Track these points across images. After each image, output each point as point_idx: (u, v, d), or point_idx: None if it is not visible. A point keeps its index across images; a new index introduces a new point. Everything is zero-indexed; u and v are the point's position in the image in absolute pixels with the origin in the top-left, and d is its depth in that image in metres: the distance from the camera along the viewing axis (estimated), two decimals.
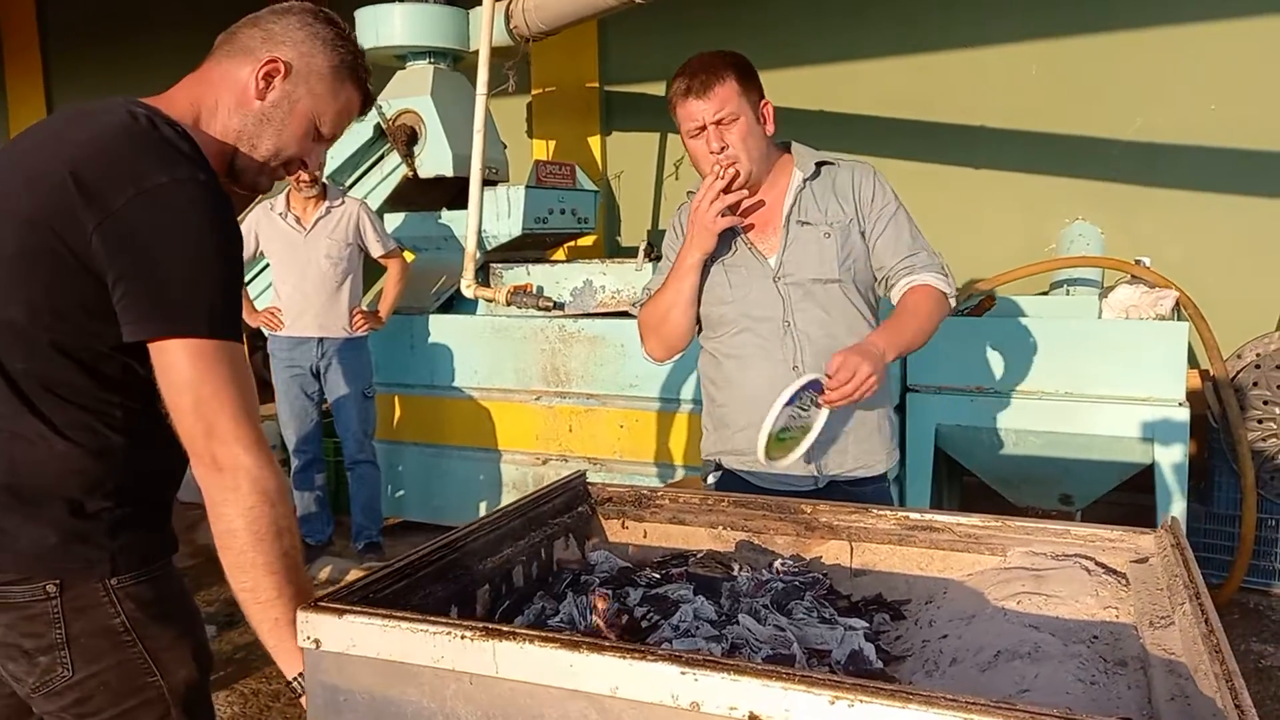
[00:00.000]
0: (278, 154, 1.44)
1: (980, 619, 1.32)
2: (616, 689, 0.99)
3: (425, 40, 4.72)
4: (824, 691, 0.91)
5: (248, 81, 1.39)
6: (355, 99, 1.48)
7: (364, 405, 4.27)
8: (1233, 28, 4.73)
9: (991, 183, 5.27)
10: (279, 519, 1.25)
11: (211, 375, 1.24)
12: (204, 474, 1.25)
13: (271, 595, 1.25)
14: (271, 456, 1.27)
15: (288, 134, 1.43)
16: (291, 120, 1.42)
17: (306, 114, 1.42)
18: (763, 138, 1.97)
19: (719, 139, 1.91)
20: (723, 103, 1.89)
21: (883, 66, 5.45)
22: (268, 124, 1.41)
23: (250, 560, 1.24)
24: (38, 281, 1.26)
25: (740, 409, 2.06)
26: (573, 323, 4.10)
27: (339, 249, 4.11)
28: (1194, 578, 1.21)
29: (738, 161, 1.92)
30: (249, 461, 1.24)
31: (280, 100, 1.41)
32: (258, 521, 1.24)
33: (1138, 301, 3.64)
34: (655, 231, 6.10)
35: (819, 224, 1.99)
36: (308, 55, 1.41)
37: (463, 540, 1.44)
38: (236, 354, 1.27)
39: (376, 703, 1.12)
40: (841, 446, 2.03)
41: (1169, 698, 1.04)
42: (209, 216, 1.27)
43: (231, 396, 1.24)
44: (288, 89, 1.41)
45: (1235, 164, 4.75)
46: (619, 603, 1.40)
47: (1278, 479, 3.79)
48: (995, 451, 3.65)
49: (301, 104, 1.42)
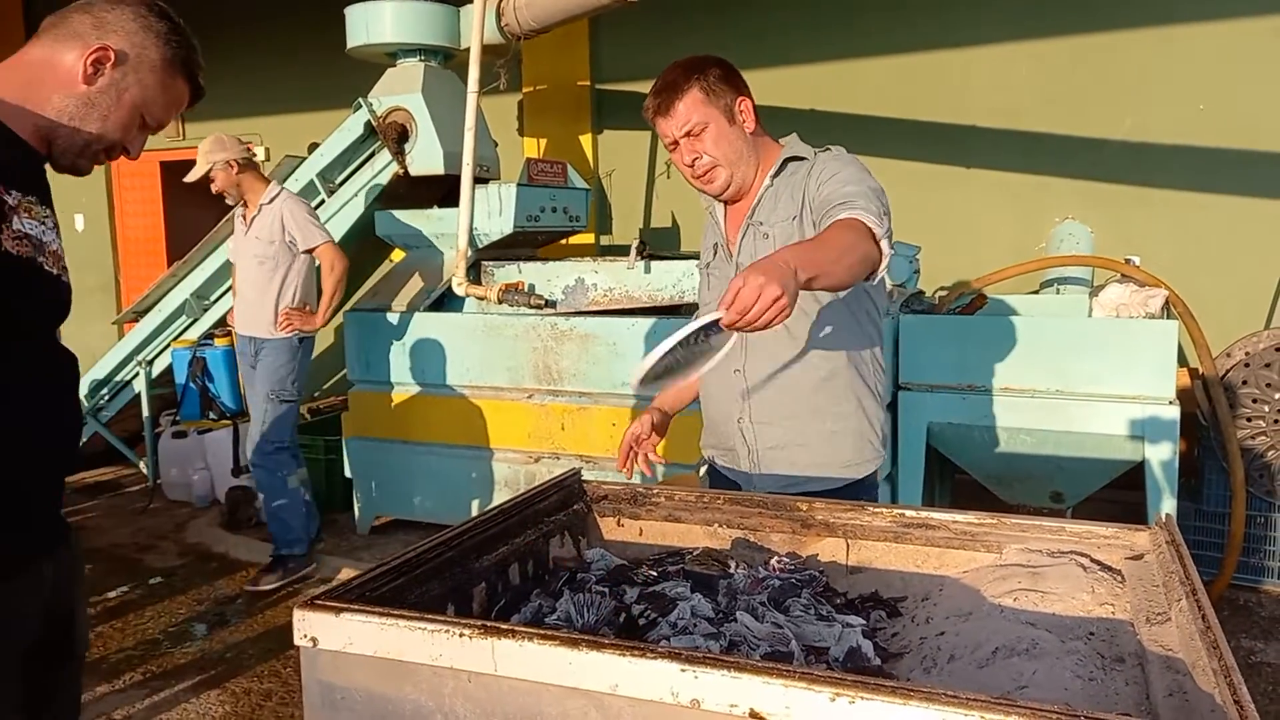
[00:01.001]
0: (100, 139, 1.46)
1: (977, 616, 1.33)
2: (616, 686, 0.99)
3: (416, 38, 4.71)
4: (825, 689, 0.91)
5: (74, 66, 1.41)
6: (185, 92, 1.51)
7: (270, 410, 4.09)
8: (1221, 29, 4.75)
9: (982, 182, 5.28)
10: None
11: None
12: None
13: None
14: None
15: (113, 121, 1.45)
16: (118, 108, 1.45)
17: (133, 103, 1.45)
18: (740, 137, 1.95)
19: (690, 151, 1.93)
20: (686, 117, 1.90)
21: (874, 66, 5.46)
22: (93, 109, 1.43)
23: None
24: None
25: (703, 408, 2.14)
26: (565, 321, 4.10)
27: (264, 246, 4.07)
28: (1190, 574, 1.22)
29: (715, 168, 1.94)
30: None
31: (108, 87, 1.43)
32: None
33: (1128, 300, 3.65)
34: (646, 229, 6.10)
35: (767, 223, 1.95)
36: (140, 46, 1.44)
37: (459, 538, 1.43)
38: None
39: (374, 701, 1.12)
40: (786, 456, 1.97)
41: (1167, 693, 1.04)
42: None
43: None
44: (116, 77, 1.43)
45: (1224, 163, 4.78)
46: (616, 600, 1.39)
47: (1267, 476, 3.81)
48: (987, 449, 3.66)
49: (129, 93, 1.45)
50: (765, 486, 1.97)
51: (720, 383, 2.02)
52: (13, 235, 1.36)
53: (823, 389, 1.95)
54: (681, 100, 1.90)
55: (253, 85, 6.87)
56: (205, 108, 7.06)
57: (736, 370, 1.98)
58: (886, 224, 1.73)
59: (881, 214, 1.73)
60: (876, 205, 1.75)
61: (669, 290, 4.08)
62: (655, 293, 4.09)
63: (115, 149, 1.48)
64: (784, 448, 1.97)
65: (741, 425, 2.00)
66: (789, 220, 1.92)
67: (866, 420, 2.00)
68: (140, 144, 1.51)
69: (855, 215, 1.69)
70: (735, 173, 1.95)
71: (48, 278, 1.43)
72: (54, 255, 1.45)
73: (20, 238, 1.37)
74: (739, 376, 1.98)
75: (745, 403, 1.98)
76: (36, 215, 1.42)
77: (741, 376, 1.98)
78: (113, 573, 4.19)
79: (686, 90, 1.90)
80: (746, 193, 2.00)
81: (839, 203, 1.75)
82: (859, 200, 1.74)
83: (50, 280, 1.43)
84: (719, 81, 1.93)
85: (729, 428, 2.03)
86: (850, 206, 1.72)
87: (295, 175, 4.86)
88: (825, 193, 1.83)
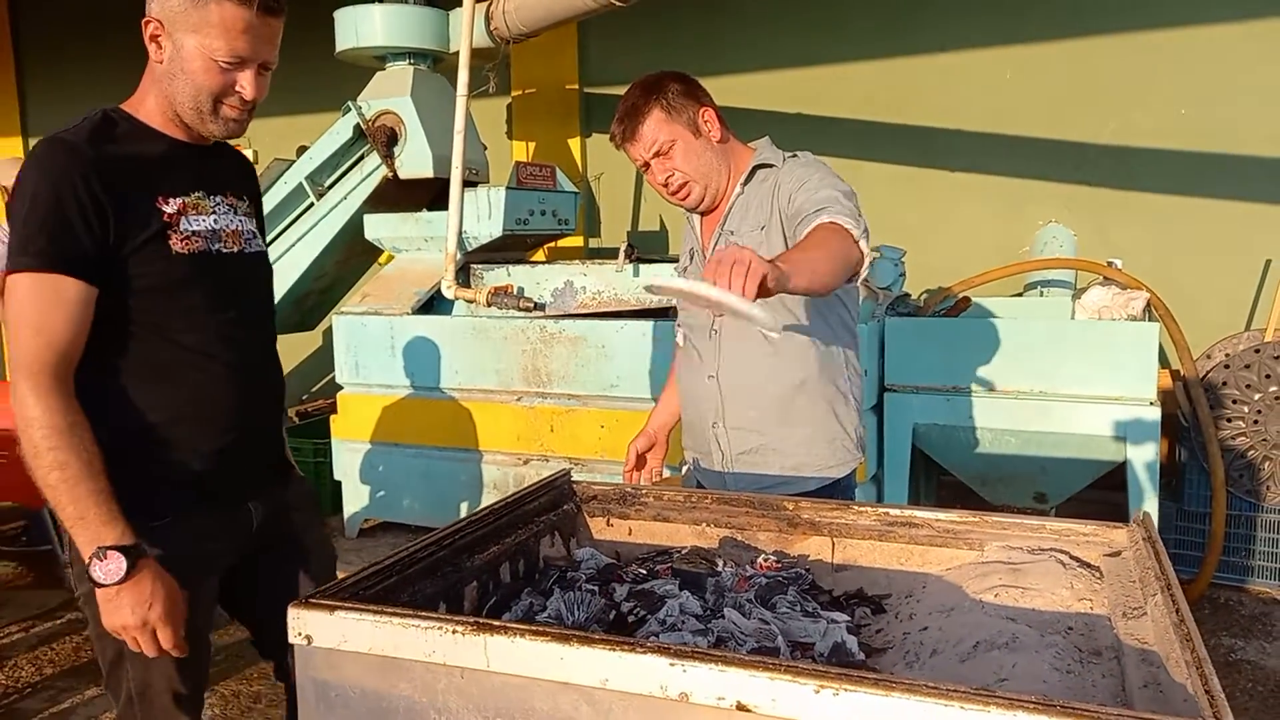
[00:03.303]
0: (196, 98, 1.56)
1: (959, 611, 1.35)
2: (606, 681, 1.01)
3: (405, 41, 4.71)
4: (809, 681, 0.93)
5: (149, 51, 1.57)
6: (230, 8, 1.51)
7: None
8: (1203, 34, 4.81)
9: (967, 185, 5.33)
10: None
11: (12, 304, 1.47)
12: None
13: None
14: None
15: (192, 78, 1.54)
16: (188, 64, 1.53)
17: (195, 51, 1.52)
18: (708, 149, 1.97)
19: (662, 170, 1.96)
20: (652, 138, 1.94)
21: (860, 70, 5.50)
22: (174, 78, 1.55)
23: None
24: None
25: (685, 413, 2.15)
26: (554, 323, 4.11)
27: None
28: (1165, 570, 1.25)
29: (687, 184, 1.96)
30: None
31: (172, 53, 1.54)
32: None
33: (1110, 303, 3.70)
34: (635, 233, 6.12)
35: (738, 232, 1.97)
36: (166, 2, 1.52)
37: (450, 538, 1.45)
38: (48, 285, 1.46)
39: (368, 697, 1.13)
40: (760, 459, 2.00)
41: (1142, 685, 1.07)
42: (35, 163, 1.49)
43: (24, 326, 1.46)
44: (170, 40, 1.53)
45: (1205, 167, 4.84)
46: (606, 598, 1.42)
47: (1247, 476, 3.86)
48: (971, 450, 3.70)
49: (185, 46, 1.52)
50: (739, 487, 1.99)
51: (696, 388, 2.05)
52: (181, 237, 1.58)
53: (796, 395, 1.97)
54: (644, 123, 1.93)
55: None
56: None
57: (710, 377, 2.01)
58: (862, 224, 1.74)
59: (856, 215, 1.75)
60: (850, 207, 1.77)
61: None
62: (643, 296, 4.11)
63: (221, 99, 1.57)
64: (756, 451, 2.00)
65: (716, 430, 2.02)
66: (758, 230, 1.93)
67: (840, 424, 2.02)
68: (251, 83, 1.57)
69: (830, 220, 1.72)
70: (709, 185, 1.98)
71: (226, 258, 1.65)
72: (233, 234, 1.67)
73: (188, 237, 1.59)
74: (713, 383, 2.00)
75: (720, 408, 2.00)
76: (205, 209, 1.63)
77: (715, 383, 2.00)
78: None
79: (648, 112, 1.93)
80: (720, 199, 2.02)
81: (812, 210, 1.77)
82: (832, 206, 1.76)
83: (230, 259, 1.65)
84: (679, 97, 1.94)
85: (705, 432, 2.05)
86: (824, 212, 1.74)
87: (284, 178, 4.86)
88: (798, 203, 1.84)
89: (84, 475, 1.45)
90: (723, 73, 5.46)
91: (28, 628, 3.79)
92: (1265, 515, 3.86)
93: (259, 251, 1.77)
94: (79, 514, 1.45)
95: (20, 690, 3.28)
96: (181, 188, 1.61)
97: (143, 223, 1.54)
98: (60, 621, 3.85)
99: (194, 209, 1.61)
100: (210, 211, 1.64)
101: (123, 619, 1.48)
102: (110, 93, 1.66)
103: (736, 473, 2.01)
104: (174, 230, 1.58)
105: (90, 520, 1.45)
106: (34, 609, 3.98)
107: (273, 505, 1.79)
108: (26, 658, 3.52)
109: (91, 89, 8.25)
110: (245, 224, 1.73)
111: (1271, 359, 3.81)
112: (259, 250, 1.77)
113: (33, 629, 3.78)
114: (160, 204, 1.57)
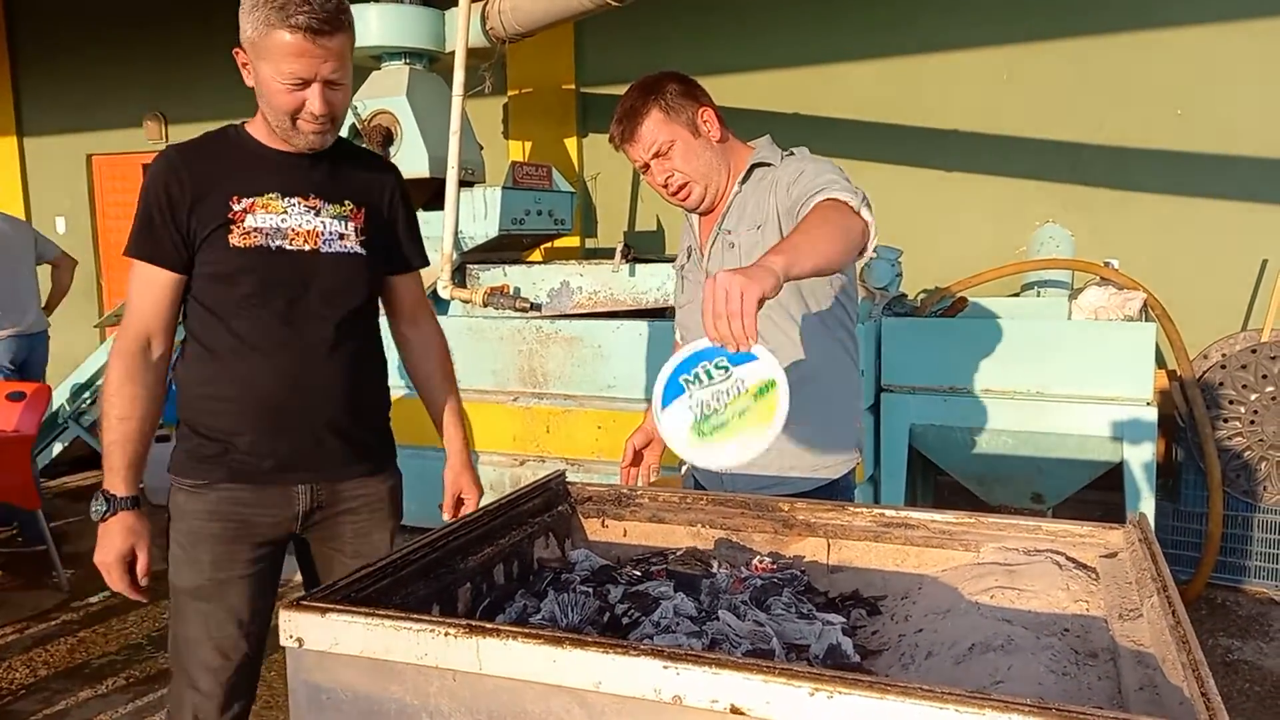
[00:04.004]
0: (276, 117, 1.74)
1: (955, 613, 1.35)
2: (600, 684, 1.00)
3: (401, 41, 4.70)
4: (804, 684, 0.93)
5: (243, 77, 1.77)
6: (285, 39, 1.64)
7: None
8: (1197, 33, 4.81)
9: (963, 186, 5.33)
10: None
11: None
12: None
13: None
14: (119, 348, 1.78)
15: (270, 100, 1.72)
16: (265, 88, 1.72)
17: (268, 77, 1.69)
18: (707, 148, 1.96)
19: (662, 171, 1.96)
20: (652, 139, 1.93)
21: (856, 70, 5.50)
22: (261, 100, 1.75)
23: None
24: None
25: None
26: (550, 324, 4.11)
27: None
28: (1161, 571, 1.24)
29: (687, 184, 1.96)
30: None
31: (256, 79, 1.73)
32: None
33: (1106, 303, 3.70)
34: (631, 232, 6.12)
35: (735, 231, 1.96)
36: (244, 32, 1.69)
37: (443, 539, 1.44)
38: (139, 271, 1.77)
39: (360, 700, 1.13)
40: (782, 454, 1.96)
41: (1138, 687, 1.07)
42: (150, 171, 1.78)
43: (127, 301, 1.80)
44: (251, 68, 1.73)
45: (1201, 167, 4.84)
46: (600, 600, 1.41)
47: (1244, 477, 3.86)
48: (968, 451, 3.70)
49: (261, 72, 1.70)
50: (739, 488, 1.97)
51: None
52: (241, 232, 1.75)
53: (797, 394, 1.95)
54: (644, 123, 1.92)
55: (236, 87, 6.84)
56: (187, 111, 7.06)
57: None
58: (860, 194, 1.69)
59: (854, 189, 1.70)
60: (846, 184, 1.72)
61: (654, 293, 4.09)
62: (640, 295, 4.11)
63: (294, 117, 1.73)
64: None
65: None
66: (754, 229, 1.92)
67: (840, 424, 2.01)
68: (319, 99, 1.71)
69: (827, 196, 1.66)
70: (709, 185, 1.97)
71: (288, 254, 1.78)
72: (304, 234, 1.79)
73: (249, 232, 1.75)
74: None
75: None
76: (275, 208, 1.78)
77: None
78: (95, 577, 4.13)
79: (647, 113, 1.92)
80: (719, 200, 2.02)
81: (810, 195, 1.72)
82: (830, 187, 1.70)
83: (293, 256, 1.78)
84: (678, 97, 1.93)
85: None
86: (820, 193, 1.69)
87: None
88: (794, 194, 1.81)
89: (111, 427, 1.76)
90: (719, 72, 5.45)
91: (22, 629, 3.78)
92: (1262, 515, 3.86)
93: (345, 252, 1.85)
94: (104, 457, 1.78)
95: (14, 692, 3.26)
96: (255, 189, 1.77)
97: (212, 219, 1.75)
98: (55, 623, 3.84)
99: (263, 208, 1.77)
100: (281, 211, 1.78)
101: (96, 554, 1.79)
102: (106, 92, 1.69)
103: (737, 473, 2.00)
104: (236, 225, 1.75)
105: (106, 466, 1.77)
106: (28, 610, 3.97)
107: (330, 496, 1.91)
108: (21, 659, 3.51)
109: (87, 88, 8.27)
110: (331, 225, 1.83)
111: (1268, 359, 3.82)
112: (346, 251, 1.85)
113: (27, 630, 3.77)
114: (232, 203, 1.75)
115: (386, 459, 2.06)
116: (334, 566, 1.95)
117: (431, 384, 2.16)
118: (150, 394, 1.79)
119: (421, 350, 2.15)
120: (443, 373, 2.16)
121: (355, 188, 1.89)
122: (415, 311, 2.11)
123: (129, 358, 1.77)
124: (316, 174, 1.84)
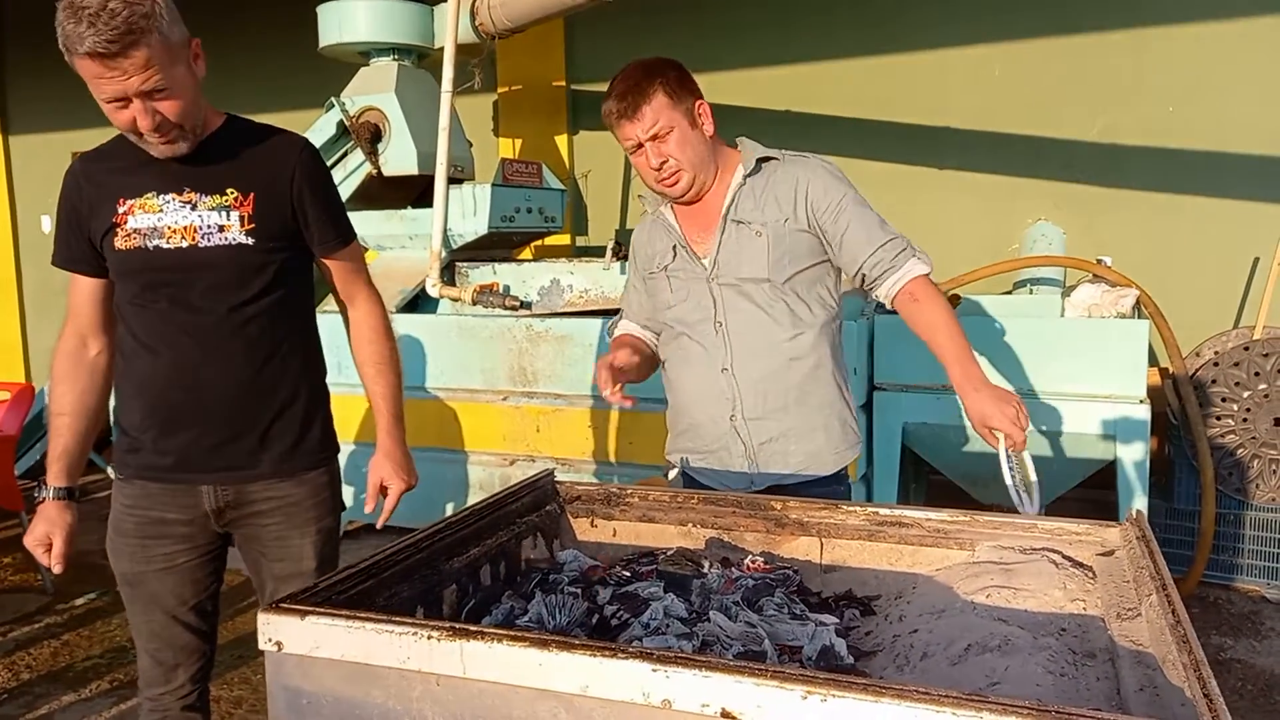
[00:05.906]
0: (124, 133, 1.72)
1: (950, 613, 1.32)
2: (587, 688, 0.98)
3: (389, 37, 4.67)
4: (796, 687, 0.90)
5: None
6: (83, 63, 1.59)
7: None
8: (1190, 32, 4.81)
9: (956, 183, 5.31)
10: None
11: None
12: None
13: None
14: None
15: (111, 119, 1.70)
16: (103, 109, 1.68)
17: (97, 99, 1.65)
18: (701, 141, 1.96)
19: (657, 154, 1.93)
20: (653, 120, 1.90)
21: (848, 67, 5.48)
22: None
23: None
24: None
25: (678, 413, 2.11)
26: (540, 322, 4.08)
27: None
28: (1160, 570, 1.22)
29: (679, 171, 1.94)
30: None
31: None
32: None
33: (1099, 300, 3.68)
34: (623, 230, 6.08)
35: (753, 222, 1.96)
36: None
37: (429, 540, 1.42)
38: (70, 276, 1.87)
39: (341, 705, 1.10)
40: (782, 448, 1.99)
41: (1138, 688, 1.05)
42: (63, 180, 1.85)
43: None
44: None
45: (1193, 165, 4.84)
46: (588, 601, 1.38)
47: (1236, 475, 3.85)
48: (961, 449, 3.68)
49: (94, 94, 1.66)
50: (764, 483, 1.99)
51: (704, 384, 2.01)
52: (124, 235, 1.76)
53: (808, 379, 1.99)
54: (648, 103, 1.90)
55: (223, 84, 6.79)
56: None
57: (725, 369, 1.98)
58: (924, 255, 1.97)
59: (912, 247, 1.96)
60: (904, 241, 1.95)
61: None
62: None
63: (136, 133, 1.69)
64: (778, 439, 1.99)
65: (735, 423, 1.99)
66: (781, 222, 1.95)
67: (847, 406, 2.07)
68: (146, 115, 1.65)
69: (915, 275, 1.93)
70: (698, 175, 1.97)
71: (163, 253, 1.76)
72: (180, 230, 1.76)
73: (129, 234, 1.76)
74: (727, 375, 1.97)
75: (737, 401, 1.98)
76: (151, 208, 1.76)
77: (730, 375, 1.97)
78: (79, 579, 4.12)
79: (652, 93, 1.90)
80: (705, 193, 2.00)
81: (883, 263, 1.93)
82: (891, 245, 1.93)
83: (170, 254, 1.76)
84: (678, 85, 1.93)
85: (719, 428, 2.01)
86: (898, 263, 1.93)
87: None
88: (851, 236, 1.94)
89: (49, 422, 1.89)
90: (710, 70, 5.43)
91: (4, 632, 3.73)
92: (1254, 513, 3.85)
93: (226, 244, 1.77)
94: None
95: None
96: (137, 190, 1.77)
97: (103, 224, 1.78)
98: (38, 626, 3.79)
99: (141, 208, 1.77)
100: (157, 210, 1.76)
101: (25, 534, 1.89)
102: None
103: (761, 470, 2.00)
104: (120, 228, 1.77)
105: (48, 457, 1.88)
106: (10, 613, 3.92)
107: (239, 497, 1.88)
108: (2, 663, 3.46)
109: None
110: (210, 218, 1.77)
111: (1260, 356, 3.81)
112: (227, 243, 1.77)
113: (9, 634, 3.72)
114: (118, 205, 1.77)
115: (308, 460, 1.93)
116: (260, 569, 1.95)
117: (364, 369, 2.05)
118: (85, 391, 1.87)
119: (355, 332, 2.06)
120: (374, 355, 2.04)
121: (242, 174, 1.80)
122: (348, 291, 2.02)
123: (64, 357, 1.87)
124: (195, 168, 1.77)
